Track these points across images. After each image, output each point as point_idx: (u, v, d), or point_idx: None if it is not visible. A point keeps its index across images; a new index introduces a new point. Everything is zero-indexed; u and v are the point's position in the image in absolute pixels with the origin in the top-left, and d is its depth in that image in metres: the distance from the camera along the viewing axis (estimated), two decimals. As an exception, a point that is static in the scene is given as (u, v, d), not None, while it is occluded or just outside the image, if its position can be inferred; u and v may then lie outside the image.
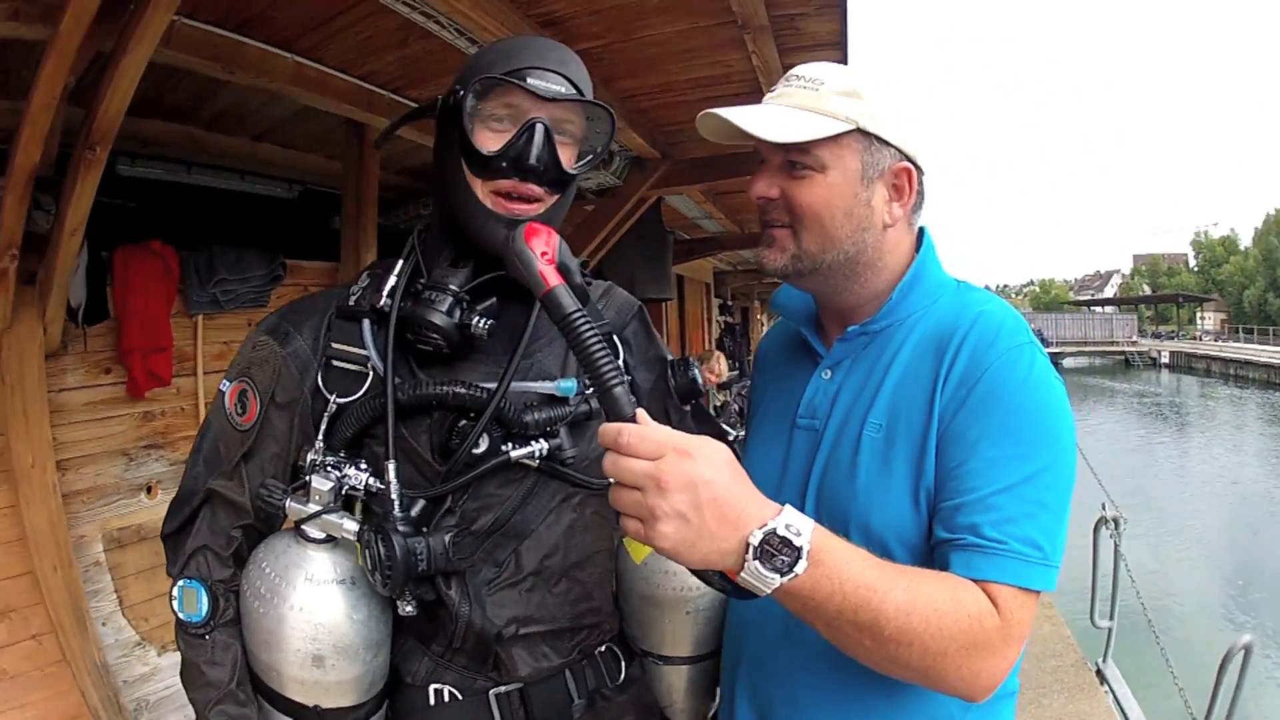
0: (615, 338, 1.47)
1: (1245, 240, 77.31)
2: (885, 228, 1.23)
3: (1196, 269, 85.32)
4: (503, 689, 1.32)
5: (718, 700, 1.56)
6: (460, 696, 1.31)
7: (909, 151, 1.22)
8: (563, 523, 1.35)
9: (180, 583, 1.28)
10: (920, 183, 1.25)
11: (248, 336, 1.36)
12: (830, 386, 1.28)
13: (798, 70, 1.24)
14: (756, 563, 0.92)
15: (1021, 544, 1.02)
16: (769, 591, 0.94)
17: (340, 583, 1.21)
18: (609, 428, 0.94)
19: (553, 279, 0.99)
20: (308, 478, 1.23)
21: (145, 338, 3.60)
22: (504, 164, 1.23)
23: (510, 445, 1.27)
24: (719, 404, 10.44)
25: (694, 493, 0.90)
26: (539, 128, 1.22)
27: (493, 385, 1.27)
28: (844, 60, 3.79)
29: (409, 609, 1.22)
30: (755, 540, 0.92)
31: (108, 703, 3.26)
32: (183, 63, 2.92)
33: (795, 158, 1.20)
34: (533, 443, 1.28)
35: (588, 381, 0.98)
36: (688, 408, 1.56)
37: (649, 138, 4.96)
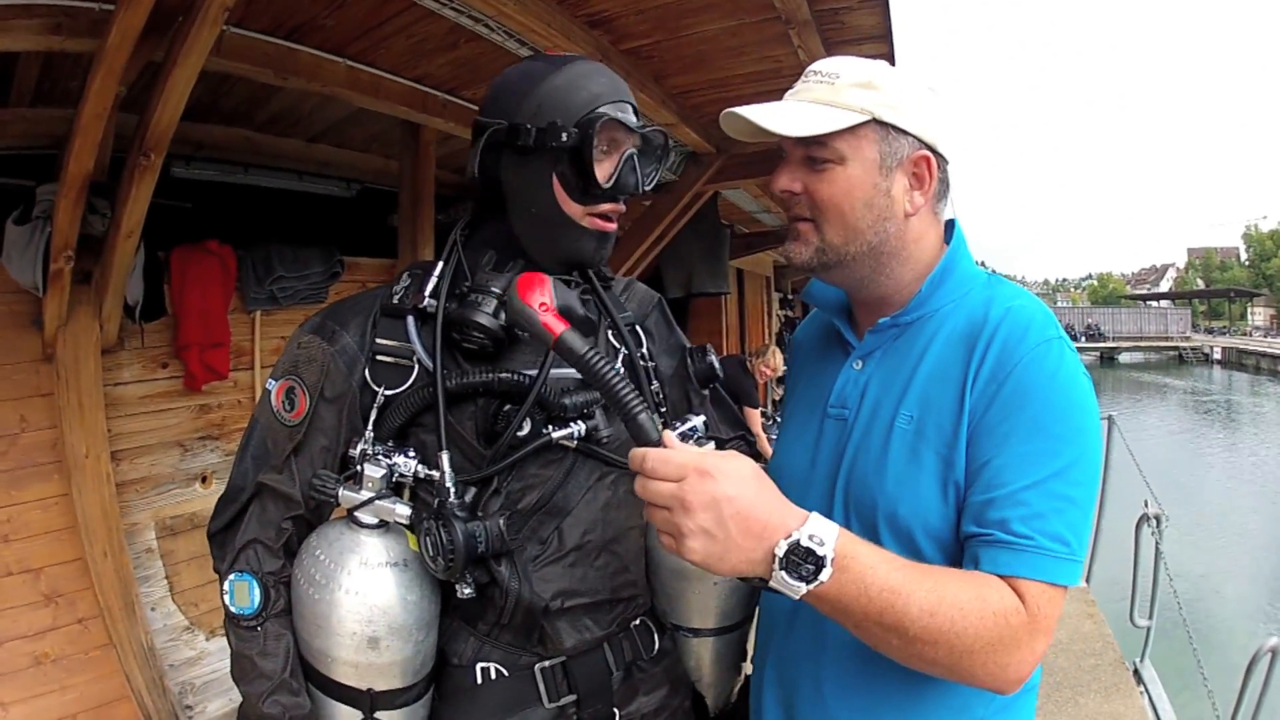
0: (638, 328, 1.55)
1: (1295, 233, 75.07)
2: (907, 217, 1.23)
3: (1247, 263, 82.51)
4: (547, 663, 1.37)
5: (742, 675, 1.64)
6: (506, 673, 1.37)
7: (928, 140, 1.22)
8: (600, 500, 1.41)
9: (231, 576, 1.32)
10: (943, 170, 1.25)
11: (292, 337, 1.40)
12: (861, 377, 1.29)
13: (815, 65, 1.25)
14: (783, 573, 0.96)
15: (1049, 539, 1.04)
16: (796, 599, 0.98)
17: (394, 565, 1.25)
18: (636, 453, 1.00)
19: (557, 327, 1.05)
20: (359, 467, 1.28)
21: (202, 333, 3.69)
22: (609, 191, 1.34)
23: (551, 427, 1.33)
24: (776, 399, 10.38)
25: (717, 510, 0.95)
26: (635, 157, 1.37)
27: (533, 372, 1.33)
28: (890, 53, 3.76)
29: (468, 591, 1.28)
30: (780, 551, 0.96)
31: (153, 685, 3.36)
32: (235, 70, 2.99)
33: (814, 152, 1.21)
34: (571, 424, 1.35)
35: (620, 416, 1.02)
36: (706, 391, 1.64)
37: (703, 133, 4.96)
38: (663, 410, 1.52)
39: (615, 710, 1.43)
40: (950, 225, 1.32)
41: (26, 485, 3.17)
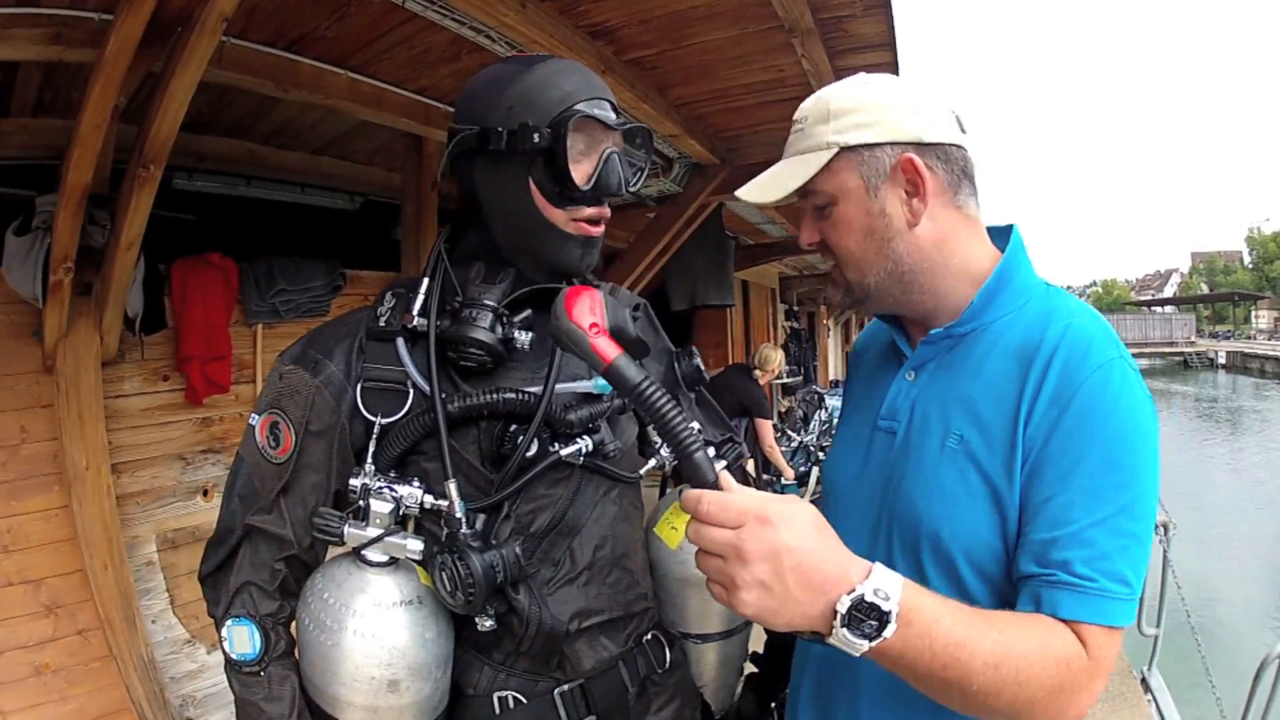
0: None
1: (1298, 235, 75.29)
2: (911, 227, 1.16)
3: (1251, 266, 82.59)
4: (566, 687, 1.34)
5: (743, 676, 1.67)
6: (525, 700, 1.33)
7: (908, 139, 1.14)
8: (608, 515, 1.38)
9: (229, 622, 1.27)
10: (943, 158, 1.16)
11: (273, 368, 1.35)
12: (912, 389, 1.23)
13: (796, 114, 1.22)
14: (845, 630, 0.90)
15: (1113, 581, 0.99)
16: (858, 655, 0.92)
17: (408, 604, 1.21)
18: (691, 494, 0.94)
19: (610, 352, 0.97)
20: (361, 502, 1.23)
21: (203, 346, 3.69)
22: (589, 193, 1.28)
23: (556, 445, 1.30)
24: (783, 409, 10.35)
25: (776, 561, 0.89)
26: (615, 156, 1.30)
27: (535, 389, 1.29)
28: (895, 60, 3.77)
29: (488, 624, 1.24)
30: (843, 608, 0.90)
31: (153, 698, 3.35)
32: (235, 81, 3.00)
33: (814, 201, 1.19)
34: (577, 440, 1.31)
35: (672, 454, 1.01)
36: (693, 394, 1.62)
37: (708, 144, 4.95)
38: None
39: None
40: (1010, 231, 1.25)
41: (27, 496, 3.17)
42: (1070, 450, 1.03)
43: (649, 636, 1.45)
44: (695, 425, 0.95)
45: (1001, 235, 1.25)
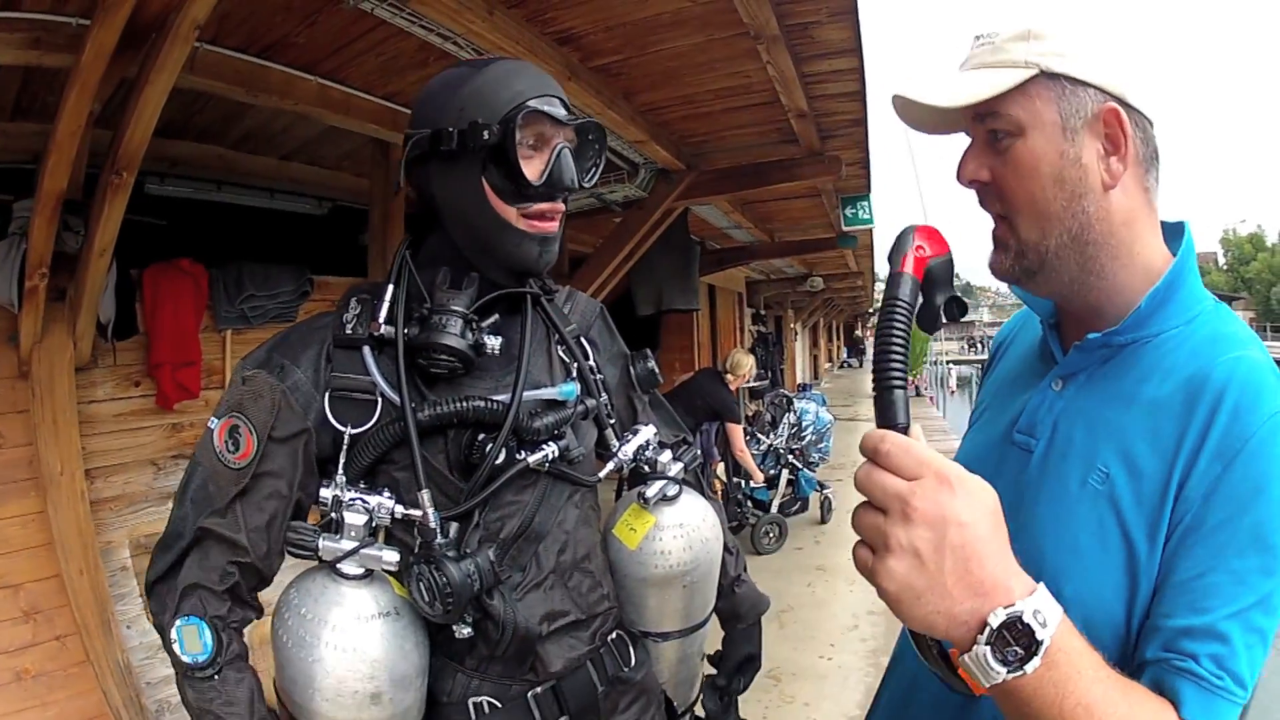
0: (583, 339, 1.53)
1: (1273, 237, 76.14)
2: (1106, 189, 1.00)
3: (1225, 267, 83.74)
4: (539, 689, 1.36)
5: (701, 674, 1.71)
6: (499, 705, 1.34)
7: (1114, 90, 0.99)
8: (570, 519, 1.42)
9: (178, 622, 1.20)
10: (1142, 129, 1.01)
11: (235, 372, 1.31)
12: (1058, 402, 1.07)
13: (978, 30, 1.07)
14: (987, 648, 0.75)
15: (1234, 683, 0.85)
16: (987, 686, 0.77)
17: (386, 615, 1.20)
18: (872, 434, 0.80)
19: (909, 266, 0.90)
20: (334, 514, 1.22)
21: (174, 352, 3.69)
22: (542, 189, 1.29)
23: (524, 452, 1.31)
24: (750, 413, 10.41)
25: (941, 531, 0.74)
26: (566, 151, 1.30)
27: (502, 397, 1.31)
28: (861, 66, 3.83)
29: (465, 631, 1.25)
30: (996, 621, 0.74)
31: (130, 703, 3.34)
32: (206, 87, 3.01)
33: (993, 125, 1.03)
34: (544, 446, 1.33)
35: (873, 381, 0.89)
36: (647, 396, 1.64)
37: (673, 149, 5.00)
38: (612, 420, 1.52)
39: None
40: (1181, 229, 1.08)
41: (4, 501, 3.16)
42: (1228, 520, 0.87)
43: (613, 636, 1.49)
44: (905, 366, 0.85)
45: (1171, 234, 1.09)
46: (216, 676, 1.20)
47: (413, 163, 1.32)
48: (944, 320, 0.96)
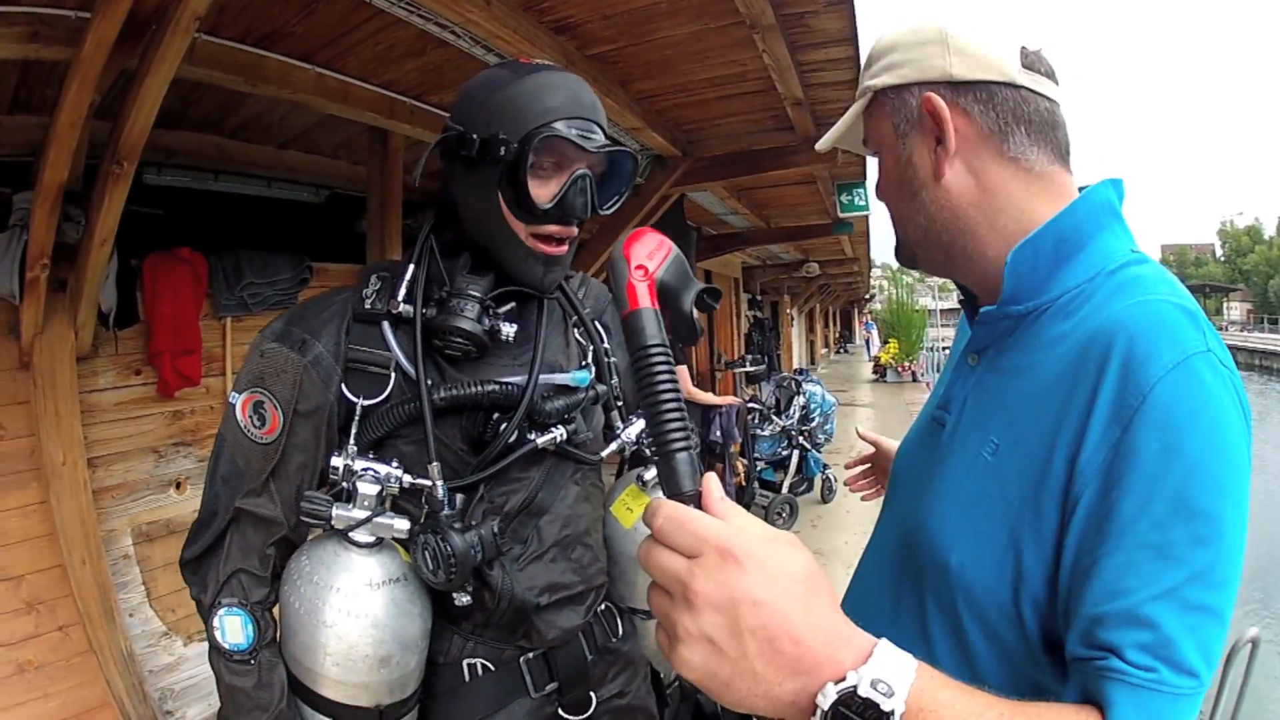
0: (596, 323, 1.56)
1: (1270, 229, 76.49)
2: (939, 179, 1.00)
3: (1223, 259, 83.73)
4: (531, 655, 1.42)
5: None
6: (493, 668, 1.40)
7: (932, 77, 0.99)
8: (571, 496, 1.46)
9: (221, 611, 1.27)
10: (991, 98, 0.97)
11: (252, 345, 1.34)
12: (970, 377, 1.05)
13: None
14: None
15: (1176, 673, 0.75)
16: None
17: (395, 582, 1.26)
18: (653, 504, 0.70)
19: (642, 300, 0.79)
20: (345, 483, 1.26)
21: (174, 341, 3.71)
22: (551, 212, 1.29)
23: (534, 433, 1.35)
24: (748, 397, 10.43)
25: (732, 615, 0.64)
26: (586, 179, 1.30)
27: (517, 379, 1.34)
28: (856, 55, 3.82)
29: (465, 599, 1.31)
30: (826, 702, 0.64)
31: (133, 691, 3.37)
32: (206, 78, 3.02)
33: (870, 151, 1.10)
34: (553, 429, 1.37)
35: (651, 447, 0.80)
36: None
37: (669, 136, 5.01)
38: (620, 406, 1.55)
39: (592, 695, 1.48)
40: (1105, 186, 1.01)
41: (6, 493, 3.17)
42: (1130, 489, 0.78)
43: (602, 608, 1.55)
44: (685, 422, 0.74)
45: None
46: (253, 661, 1.27)
47: (443, 154, 1.34)
48: (699, 320, 0.90)
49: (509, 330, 1.34)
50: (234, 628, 1.27)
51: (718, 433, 6.07)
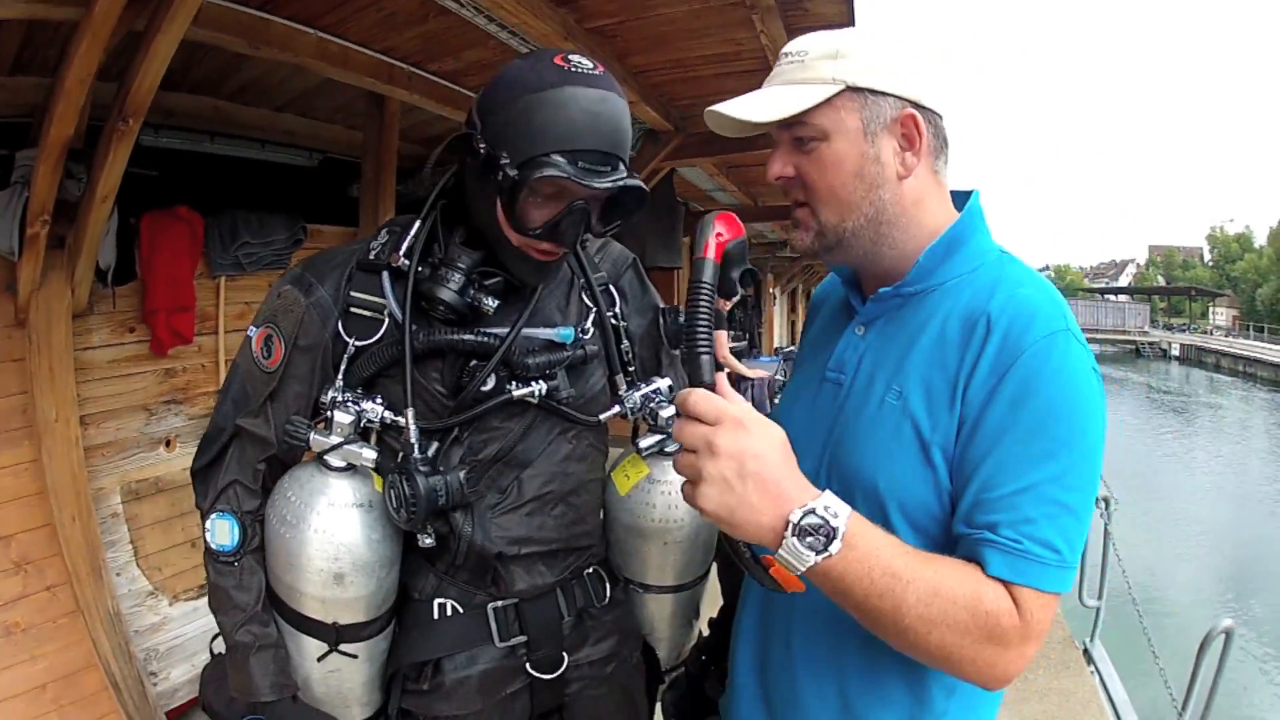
0: (612, 288, 1.60)
1: (1260, 238, 76.47)
2: (901, 179, 1.18)
3: (1211, 264, 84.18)
4: (499, 604, 1.48)
5: (696, 631, 1.75)
6: (461, 610, 1.47)
7: (911, 97, 1.16)
8: (560, 453, 1.51)
9: (214, 515, 1.40)
10: (935, 125, 1.20)
11: (273, 287, 1.46)
12: (861, 344, 1.25)
13: (786, 47, 1.22)
14: (794, 539, 0.94)
15: (1039, 546, 1.01)
16: (803, 570, 0.96)
17: (359, 506, 1.34)
18: (682, 391, 1.00)
19: (710, 252, 1.05)
20: (329, 413, 1.36)
21: (169, 298, 3.71)
22: (541, 234, 1.31)
23: (514, 385, 1.41)
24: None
25: (741, 462, 0.94)
26: (582, 211, 1.30)
27: (501, 331, 1.40)
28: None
29: (429, 541, 1.38)
30: (795, 518, 0.94)
31: (118, 651, 3.37)
32: (209, 39, 3.01)
33: (799, 133, 1.17)
34: (533, 383, 1.42)
35: (683, 349, 1.02)
36: (677, 352, 1.68)
37: (662, 111, 5.05)
38: (631, 369, 1.57)
39: (564, 655, 1.53)
40: (971, 196, 1.26)
41: (-2, 451, 3.16)
42: (1003, 417, 1.05)
43: (589, 571, 1.57)
44: (710, 333, 1.01)
45: (964, 200, 1.26)
46: (236, 563, 1.40)
47: (460, 140, 1.37)
48: (740, 289, 1.15)
49: (491, 304, 1.39)
50: (222, 530, 1.40)
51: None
